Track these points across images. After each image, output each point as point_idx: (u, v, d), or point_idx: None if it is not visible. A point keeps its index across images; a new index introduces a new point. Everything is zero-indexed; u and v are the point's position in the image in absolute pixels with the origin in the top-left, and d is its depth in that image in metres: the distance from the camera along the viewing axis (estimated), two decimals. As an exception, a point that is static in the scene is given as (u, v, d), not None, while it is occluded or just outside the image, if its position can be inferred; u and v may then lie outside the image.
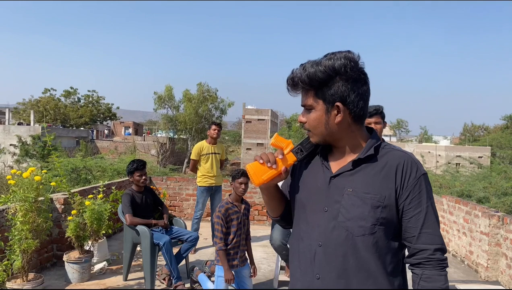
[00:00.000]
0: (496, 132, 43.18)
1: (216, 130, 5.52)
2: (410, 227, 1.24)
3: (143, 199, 4.27)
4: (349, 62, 1.22)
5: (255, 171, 1.33)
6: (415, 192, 1.24)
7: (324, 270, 1.27)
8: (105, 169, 10.99)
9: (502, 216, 4.56)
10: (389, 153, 1.29)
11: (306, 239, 1.33)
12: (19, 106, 47.30)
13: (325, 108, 1.26)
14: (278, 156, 1.33)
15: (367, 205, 1.23)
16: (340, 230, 1.25)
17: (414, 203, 1.24)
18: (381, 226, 1.23)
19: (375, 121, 3.02)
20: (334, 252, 1.25)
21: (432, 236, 1.23)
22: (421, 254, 1.23)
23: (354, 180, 1.27)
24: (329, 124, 1.27)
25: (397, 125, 60.55)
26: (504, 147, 27.71)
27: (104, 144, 38.27)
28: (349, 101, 1.25)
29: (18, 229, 3.52)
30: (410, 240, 1.25)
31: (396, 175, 1.24)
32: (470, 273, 4.94)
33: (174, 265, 4.03)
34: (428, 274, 1.22)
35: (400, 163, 1.25)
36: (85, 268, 4.24)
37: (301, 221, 1.37)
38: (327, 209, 1.28)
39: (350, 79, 1.24)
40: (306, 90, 1.29)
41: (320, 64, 1.24)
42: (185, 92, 32.42)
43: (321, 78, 1.23)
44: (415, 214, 1.23)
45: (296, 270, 1.37)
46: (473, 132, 50.27)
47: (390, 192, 1.23)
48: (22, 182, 3.56)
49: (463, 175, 11.28)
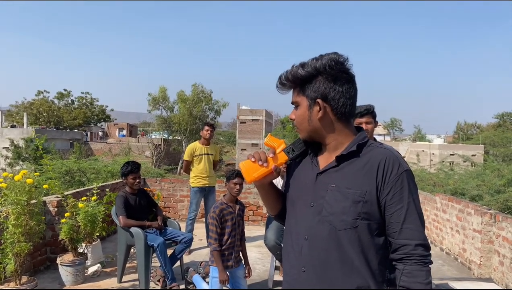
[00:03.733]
0: (489, 130, 43.54)
1: (209, 130, 5.51)
2: (392, 222, 1.27)
3: (136, 200, 4.26)
4: (332, 62, 1.29)
5: (247, 169, 1.39)
6: (397, 188, 1.26)
7: (310, 263, 1.32)
8: (99, 171, 10.92)
9: (494, 213, 4.60)
10: (373, 151, 1.33)
11: (294, 233, 1.39)
12: (12, 108, 46.95)
13: (308, 104, 1.34)
14: (270, 155, 1.39)
15: (349, 200, 1.27)
16: (324, 224, 1.30)
17: (396, 199, 1.26)
18: (363, 220, 1.26)
19: (366, 121, 3.03)
20: (318, 245, 1.30)
21: (413, 232, 1.25)
22: (403, 249, 1.25)
23: (338, 176, 1.32)
24: (312, 120, 1.34)
25: (391, 125, 60.85)
26: (497, 145, 27.95)
27: (98, 146, 38.10)
28: (329, 98, 1.31)
29: (10, 233, 3.50)
30: (393, 235, 1.27)
31: (377, 171, 1.27)
32: (464, 270, 4.98)
33: (169, 266, 4.02)
34: (409, 269, 1.24)
35: (382, 159, 1.29)
36: (79, 270, 4.22)
37: (291, 217, 1.44)
38: (313, 205, 1.34)
39: (330, 77, 1.30)
40: (294, 89, 1.38)
41: (305, 64, 1.33)
42: (179, 93, 32.37)
43: (303, 76, 1.32)
44: (396, 210, 1.26)
45: (286, 264, 1.43)
46: (466, 130, 50.64)
47: (371, 188, 1.27)
48: (14, 185, 3.53)
49: (457, 173, 11.34)
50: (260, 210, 7.21)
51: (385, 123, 59.63)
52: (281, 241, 4.03)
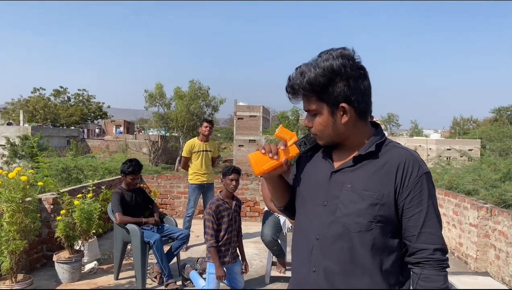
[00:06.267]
0: (485, 125, 43.68)
1: (207, 127, 5.49)
2: (410, 226, 1.23)
3: (133, 197, 4.24)
4: (347, 61, 1.20)
5: (256, 161, 1.32)
6: (416, 191, 1.21)
7: (320, 264, 1.27)
8: (96, 168, 10.88)
9: (491, 207, 4.61)
10: (391, 151, 1.27)
11: (305, 231, 1.34)
12: (8, 106, 46.70)
13: (330, 111, 1.24)
14: (280, 147, 1.33)
15: (365, 202, 1.22)
16: (337, 225, 1.25)
17: (415, 202, 1.21)
18: (378, 223, 1.22)
19: None
20: (330, 246, 1.26)
21: (432, 236, 1.22)
22: (421, 253, 1.22)
23: (354, 176, 1.26)
24: (336, 126, 1.26)
25: (388, 120, 60.92)
26: (494, 139, 28.03)
27: (95, 143, 38.01)
28: (353, 100, 1.23)
29: (5, 230, 3.48)
30: (410, 239, 1.23)
31: (397, 173, 1.22)
32: (460, 264, 5.00)
33: (165, 263, 4.01)
34: (426, 274, 1.21)
35: (402, 161, 1.23)
36: (76, 268, 4.21)
37: (301, 214, 1.39)
38: (326, 204, 1.28)
39: (351, 78, 1.21)
40: (307, 96, 1.26)
41: (318, 66, 1.20)
42: (176, 89, 32.24)
43: (322, 83, 1.20)
44: (415, 213, 1.22)
45: (295, 262, 1.39)
46: (462, 125, 50.78)
47: (389, 190, 1.22)
48: (8, 183, 3.51)
49: (453, 168, 11.36)
50: (257, 206, 7.21)
51: (382, 118, 59.69)
52: (278, 236, 4.03)
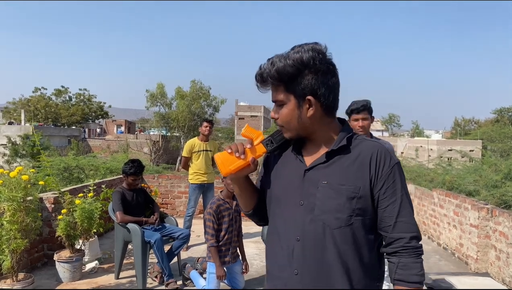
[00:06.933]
0: (487, 125, 43.59)
1: (207, 127, 5.49)
2: (386, 216, 1.25)
3: (133, 197, 4.25)
4: (317, 54, 1.22)
5: (223, 161, 1.29)
6: (390, 181, 1.24)
7: (303, 265, 1.25)
8: (97, 167, 10.89)
9: (491, 208, 4.61)
10: (362, 144, 1.29)
11: (283, 234, 1.30)
12: (10, 105, 46.75)
13: (297, 103, 1.25)
14: (247, 146, 1.30)
15: (343, 196, 1.22)
16: (317, 223, 1.24)
17: (389, 193, 1.24)
18: (357, 217, 1.23)
19: (363, 117, 3.02)
20: (312, 246, 1.24)
21: (408, 225, 1.24)
22: (398, 242, 1.24)
23: (329, 172, 1.26)
24: (302, 118, 1.26)
25: (389, 120, 60.87)
26: (495, 140, 27.96)
27: (96, 142, 38.03)
28: (319, 94, 1.24)
29: (6, 229, 3.48)
30: (386, 229, 1.25)
31: (370, 165, 1.24)
32: (461, 265, 5.00)
33: (166, 262, 4.02)
34: (404, 262, 1.23)
35: (374, 153, 1.25)
36: (76, 267, 4.21)
37: (277, 216, 1.34)
38: (303, 203, 1.27)
39: (319, 72, 1.23)
40: (276, 86, 1.26)
41: (288, 57, 1.22)
42: (177, 89, 32.22)
43: (291, 73, 1.22)
44: (390, 203, 1.24)
45: (274, 267, 1.34)
46: (463, 126, 50.71)
47: (365, 183, 1.23)
48: (10, 182, 3.52)
49: (454, 169, 11.35)
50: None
51: (383, 119, 59.65)
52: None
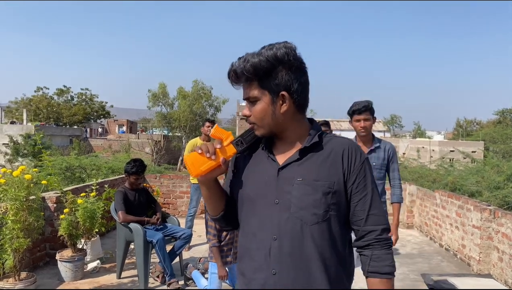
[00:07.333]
0: (489, 127, 43.48)
1: (209, 126, 5.49)
2: (358, 210, 1.29)
3: (136, 196, 4.26)
4: (290, 51, 1.24)
5: (193, 162, 1.26)
6: (361, 176, 1.28)
7: (281, 264, 1.24)
8: (99, 167, 10.91)
9: (494, 209, 4.60)
10: (332, 140, 1.33)
11: (259, 234, 1.29)
12: (12, 104, 46.87)
13: (271, 98, 1.26)
14: (217, 146, 1.29)
15: (319, 192, 1.24)
16: (294, 221, 1.24)
17: (361, 187, 1.28)
18: (333, 212, 1.26)
19: (365, 118, 2.99)
20: (290, 244, 1.24)
21: (379, 217, 1.29)
22: (370, 235, 1.27)
23: (303, 169, 1.28)
24: (276, 114, 1.27)
25: (391, 121, 60.79)
26: (497, 141, 27.90)
27: (98, 142, 38.06)
28: (293, 90, 1.26)
29: (9, 228, 3.49)
30: (359, 223, 1.29)
31: (343, 160, 1.28)
32: (463, 266, 4.98)
33: (168, 262, 4.02)
34: (378, 254, 1.26)
35: (345, 148, 1.30)
36: (78, 266, 4.22)
37: (251, 217, 1.33)
38: (278, 201, 1.27)
39: (292, 68, 1.25)
40: (250, 82, 1.27)
41: (262, 54, 1.24)
42: (179, 89, 32.24)
43: (266, 68, 1.23)
44: (362, 197, 1.28)
45: (247, 269, 1.32)
46: (465, 127, 50.60)
47: (338, 177, 1.27)
48: (13, 181, 3.52)
49: (456, 170, 11.32)
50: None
51: (384, 120, 59.56)
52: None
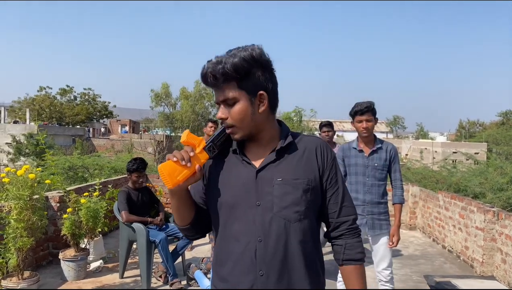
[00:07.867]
0: (492, 128, 43.30)
1: (212, 127, 5.48)
2: (332, 203, 1.36)
3: (139, 196, 4.26)
4: (263, 52, 1.26)
5: (170, 172, 1.21)
6: (333, 171, 1.36)
7: (268, 265, 1.25)
8: (102, 167, 10.93)
9: (497, 211, 4.58)
10: (304, 139, 1.37)
11: (243, 238, 1.27)
12: (15, 104, 47.02)
13: (249, 99, 1.26)
14: (190, 153, 1.25)
15: (299, 190, 1.28)
16: (278, 220, 1.26)
17: (333, 181, 1.35)
18: (312, 208, 1.31)
19: (367, 119, 2.98)
20: (275, 244, 1.25)
21: (350, 208, 1.38)
22: (343, 225, 1.36)
23: (281, 169, 1.29)
24: (255, 114, 1.27)
25: (394, 122, 60.66)
26: (500, 143, 27.78)
27: (101, 142, 38.14)
28: (268, 91, 1.28)
29: (12, 227, 3.51)
30: (333, 215, 1.36)
31: (317, 157, 1.34)
32: (466, 268, 4.97)
33: (171, 262, 4.02)
34: (351, 243, 1.35)
35: (318, 146, 1.35)
36: (81, 266, 4.23)
37: (233, 222, 1.30)
38: (260, 203, 1.27)
39: (267, 69, 1.28)
40: (227, 84, 1.25)
41: (237, 56, 1.22)
42: (182, 89, 32.29)
43: (246, 68, 1.22)
44: (335, 191, 1.36)
45: (233, 273, 1.29)
46: (468, 128, 50.44)
47: (315, 174, 1.32)
48: (17, 180, 3.54)
49: (459, 171, 11.29)
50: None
51: (387, 121, 59.43)
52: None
